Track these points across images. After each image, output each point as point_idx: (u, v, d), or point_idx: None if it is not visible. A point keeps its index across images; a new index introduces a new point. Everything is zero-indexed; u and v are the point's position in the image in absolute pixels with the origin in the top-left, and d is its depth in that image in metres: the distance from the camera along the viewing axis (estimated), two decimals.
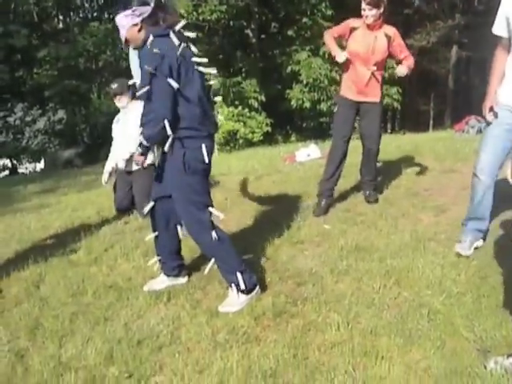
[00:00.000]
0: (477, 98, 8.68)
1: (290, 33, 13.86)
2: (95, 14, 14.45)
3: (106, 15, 14.15)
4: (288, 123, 15.61)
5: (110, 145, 5.45)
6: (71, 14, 14.40)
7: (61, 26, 14.33)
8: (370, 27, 4.39)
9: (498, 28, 3.30)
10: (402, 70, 4.47)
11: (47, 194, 7.13)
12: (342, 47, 4.57)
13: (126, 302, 3.30)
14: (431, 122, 27.98)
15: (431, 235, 3.98)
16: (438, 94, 28.18)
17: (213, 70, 3.06)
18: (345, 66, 4.60)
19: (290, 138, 14.86)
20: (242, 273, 3.11)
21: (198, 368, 2.56)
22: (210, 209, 3.10)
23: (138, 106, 5.11)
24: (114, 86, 5.07)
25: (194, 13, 11.54)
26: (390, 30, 4.48)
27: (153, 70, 2.75)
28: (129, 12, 2.87)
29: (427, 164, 6.20)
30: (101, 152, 11.98)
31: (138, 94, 2.87)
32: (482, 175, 3.46)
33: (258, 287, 3.20)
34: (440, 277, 3.28)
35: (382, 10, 4.33)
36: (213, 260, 3.16)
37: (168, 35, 2.81)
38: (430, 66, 24.63)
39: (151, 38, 2.80)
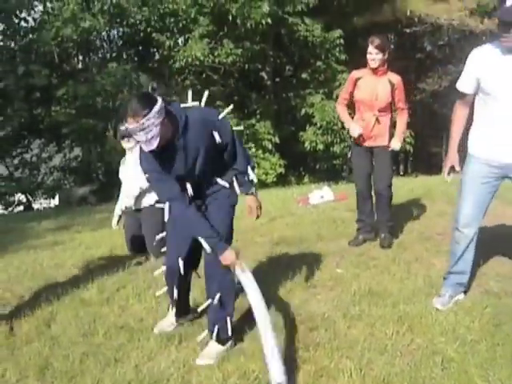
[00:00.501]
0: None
1: (304, 76, 14.07)
2: (114, 55, 14.78)
3: (125, 56, 14.46)
4: (301, 165, 15.71)
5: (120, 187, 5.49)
6: (90, 54, 14.73)
7: (80, 65, 14.67)
8: (374, 72, 4.49)
9: (465, 85, 3.32)
10: (395, 146, 4.66)
11: (61, 231, 7.18)
12: None
13: (137, 343, 3.28)
14: (443, 165, 27.87)
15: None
16: (449, 137, 28.19)
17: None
18: (355, 112, 4.75)
19: (303, 179, 14.91)
20: (231, 320, 3.13)
21: None
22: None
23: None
24: (123, 127, 5.11)
25: (210, 55, 11.81)
26: (395, 78, 4.57)
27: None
28: (157, 107, 2.67)
29: (440, 208, 6.19)
30: (114, 190, 12.07)
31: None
32: (466, 229, 3.41)
33: (232, 340, 3.19)
34: (454, 323, 3.23)
35: (386, 55, 4.45)
36: (209, 301, 3.13)
37: None
38: (441, 110, 24.79)
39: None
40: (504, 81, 3.14)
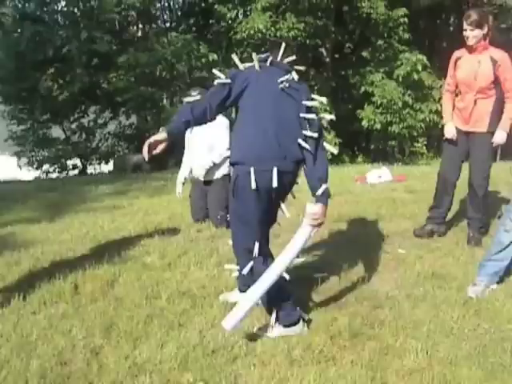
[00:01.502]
0: None
1: (364, 54, 13.76)
2: (173, 25, 14.82)
3: (184, 26, 14.46)
4: (355, 144, 15.47)
5: (180, 153, 5.53)
6: (151, 23, 14.80)
7: (139, 34, 14.76)
8: (472, 50, 4.20)
9: None
10: (497, 139, 4.25)
11: (119, 196, 7.29)
12: None
13: (200, 309, 3.31)
14: (499, 152, 27.12)
15: (506, 268, 3.82)
16: None
17: None
18: (456, 93, 4.46)
19: (356, 158, 14.71)
20: (279, 308, 2.99)
21: (273, 382, 2.53)
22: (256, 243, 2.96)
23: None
24: (195, 92, 5.11)
25: (272, 28, 11.67)
26: (498, 54, 4.18)
27: None
28: None
29: (503, 195, 6.02)
30: (169, 159, 12.22)
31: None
32: None
33: (301, 326, 3.01)
34: None
35: (485, 30, 4.12)
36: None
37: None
38: None
39: None
40: None
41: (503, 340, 2.83)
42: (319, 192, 2.85)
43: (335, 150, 3.24)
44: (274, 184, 2.80)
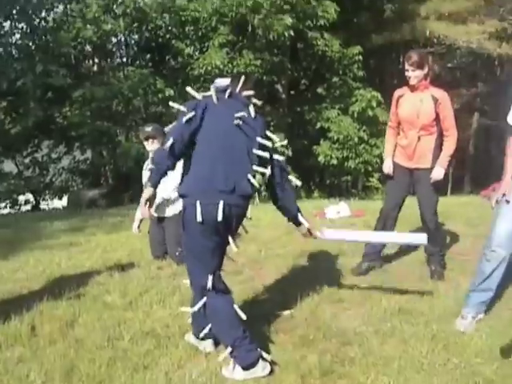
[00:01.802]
0: (496, 166, 8.67)
1: (319, 90, 14.07)
2: (130, 60, 14.78)
3: (140, 61, 14.44)
4: (311, 179, 15.65)
5: (136, 189, 5.45)
6: (107, 58, 14.75)
7: (95, 68, 14.67)
8: (414, 89, 4.29)
9: None
10: (435, 175, 4.32)
11: (75, 232, 7.10)
12: None
13: (165, 350, 3.20)
14: (449, 186, 27.99)
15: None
16: (458, 159, 28.23)
17: None
18: (399, 130, 4.52)
19: (312, 194, 14.86)
20: (234, 348, 2.86)
21: None
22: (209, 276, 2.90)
23: None
24: (149, 128, 5.07)
25: (229, 65, 11.81)
26: (439, 93, 4.29)
27: None
28: None
29: (459, 229, 6.13)
30: (125, 195, 12.08)
31: None
32: (500, 248, 3.36)
33: (262, 365, 2.87)
34: (489, 344, 3.17)
35: (425, 70, 4.23)
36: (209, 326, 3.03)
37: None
38: None
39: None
40: None
41: (474, 374, 2.83)
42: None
43: (299, 182, 3.28)
44: (219, 218, 2.78)
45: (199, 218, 2.76)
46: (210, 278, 2.88)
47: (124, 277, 4.60)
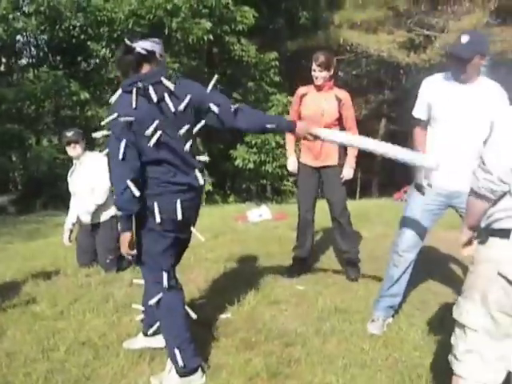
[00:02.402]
0: (402, 171, 9.10)
1: (234, 95, 14.12)
2: (39, 60, 14.14)
3: (51, 62, 13.87)
4: (226, 183, 15.67)
5: (49, 195, 5.25)
6: (16, 57, 14.05)
7: (2, 68, 13.93)
8: (319, 88, 4.38)
9: (419, 112, 3.44)
10: (346, 174, 4.46)
11: None
12: None
13: (105, 360, 3.09)
14: (358, 190, 29.01)
15: (404, 298, 4.00)
16: (365, 164, 29.29)
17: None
18: None
19: (228, 198, 14.88)
20: (180, 350, 2.80)
21: None
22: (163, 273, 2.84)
23: (93, 157, 4.98)
24: (70, 133, 4.89)
25: None
26: (342, 94, 4.40)
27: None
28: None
29: (379, 230, 6.36)
30: (37, 201, 11.53)
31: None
32: (406, 253, 3.47)
33: (200, 374, 2.86)
34: (426, 339, 3.31)
35: (331, 72, 4.34)
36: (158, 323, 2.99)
37: (130, 92, 2.67)
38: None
39: (119, 91, 2.71)
40: (451, 108, 3.27)
41: (415, 367, 2.94)
42: None
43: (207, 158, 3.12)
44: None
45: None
46: (166, 274, 2.83)
47: (51, 286, 4.40)
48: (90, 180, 4.83)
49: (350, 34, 14.35)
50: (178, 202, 2.75)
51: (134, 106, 2.64)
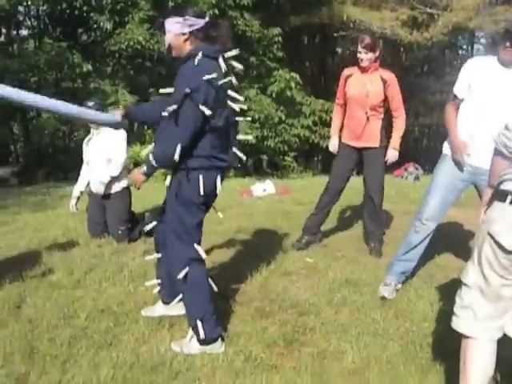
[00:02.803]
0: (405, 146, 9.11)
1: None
2: (39, 32, 14.02)
3: (54, 34, 13.75)
4: None
5: (51, 166, 5.29)
6: (17, 28, 13.93)
7: (3, 39, 13.81)
8: (364, 70, 4.44)
9: (459, 90, 3.53)
10: (391, 156, 4.53)
11: None
12: None
13: (126, 326, 3.19)
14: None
15: (412, 272, 4.09)
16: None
17: (244, 106, 3.03)
18: (346, 111, 4.65)
19: (228, 172, 14.84)
20: (202, 322, 2.88)
21: None
22: (195, 246, 2.94)
23: (112, 130, 5.04)
24: (91, 103, 4.95)
25: (151, 41, 11.56)
26: (387, 75, 4.45)
27: (189, 90, 2.66)
28: (180, 19, 2.79)
29: (404, 207, 6.46)
30: (39, 172, 11.55)
31: (166, 110, 2.72)
32: (430, 222, 3.60)
33: (220, 343, 2.95)
34: (434, 310, 3.42)
35: (377, 53, 4.39)
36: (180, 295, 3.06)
37: (217, 59, 2.76)
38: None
39: (200, 55, 2.71)
40: (488, 89, 3.37)
41: (426, 337, 3.05)
42: None
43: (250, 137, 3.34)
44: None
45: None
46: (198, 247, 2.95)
47: (65, 256, 4.49)
48: (108, 151, 4.88)
49: (353, 11, 14.26)
50: (219, 177, 2.87)
51: (223, 71, 2.77)
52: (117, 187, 4.97)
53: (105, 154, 4.91)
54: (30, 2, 12.07)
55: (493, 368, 2.24)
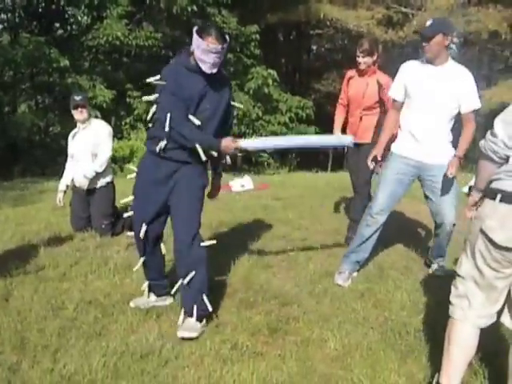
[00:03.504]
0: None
1: None
2: (10, 25, 13.84)
3: (29, 28, 13.61)
4: None
5: (27, 161, 5.29)
6: None
7: None
8: (362, 73, 4.65)
9: (395, 92, 3.85)
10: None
11: None
12: None
13: (113, 317, 3.27)
14: (330, 164, 29.32)
15: (389, 265, 4.29)
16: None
17: None
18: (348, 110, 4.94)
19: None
20: (207, 295, 3.17)
21: (212, 381, 2.62)
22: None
23: (98, 123, 5.11)
24: (78, 97, 4.98)
25: (130, 37, 11.55)
26: (383, 79, 4.62)
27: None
28: None
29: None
30: (15, 168, 11.46)
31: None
32: (379, 216, 3.87)
33: (204, 322, 3.18)
34: (412, 300, 3.58)
35: (374, 57, 4.58)
36: (180, 281, 3.18)
37: None
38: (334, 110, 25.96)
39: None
40: (420, 87, 3.69)
41: (404, 325, 3.20)
42: None
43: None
44: None
45: None
46: None
47: (49, 249, 4.51)
48: (93, 146, 4.93)
49: (329, 9, 14.46)
50: None
51: None
52: (101, 182, 5.01)
53: (91, 149, 4.95)
54: None
55: (474, 352, 2.41)
